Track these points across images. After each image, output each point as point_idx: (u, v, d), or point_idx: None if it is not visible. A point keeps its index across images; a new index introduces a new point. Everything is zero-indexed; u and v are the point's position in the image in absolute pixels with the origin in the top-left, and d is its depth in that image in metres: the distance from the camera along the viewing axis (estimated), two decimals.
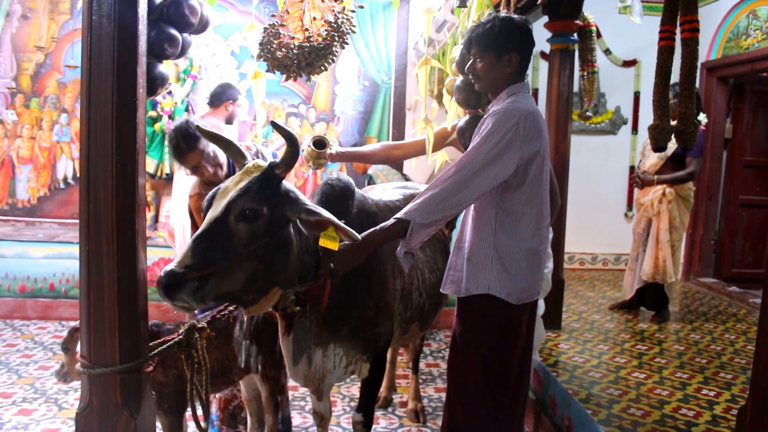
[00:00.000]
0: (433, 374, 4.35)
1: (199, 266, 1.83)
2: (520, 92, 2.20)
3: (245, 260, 1.92)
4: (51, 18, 5.19)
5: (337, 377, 2.52)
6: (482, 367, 2.26)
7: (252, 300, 2.05)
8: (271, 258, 1.99)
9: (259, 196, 1.94)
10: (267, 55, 2.75)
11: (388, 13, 5.36)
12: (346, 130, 5.50)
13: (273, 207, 1.97)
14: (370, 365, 2.54)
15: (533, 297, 2.29)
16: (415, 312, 2.76)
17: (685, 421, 2.83)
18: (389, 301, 2.54)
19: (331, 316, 2.34)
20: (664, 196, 4.43)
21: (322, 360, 2.42)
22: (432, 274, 2.82)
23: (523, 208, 2.17)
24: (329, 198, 2.39)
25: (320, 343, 2.39)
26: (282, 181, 2.03)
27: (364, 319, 2.43)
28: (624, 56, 6.05)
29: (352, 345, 2.45)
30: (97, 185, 1.82)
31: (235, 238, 1.91)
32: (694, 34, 2.72)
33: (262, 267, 1.97)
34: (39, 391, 3.81)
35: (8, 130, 5.27)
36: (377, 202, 2.71)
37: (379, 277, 2.49)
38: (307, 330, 2.34)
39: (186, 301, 1.82)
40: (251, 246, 1.92)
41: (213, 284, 1.86)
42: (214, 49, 5.31)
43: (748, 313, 4.79)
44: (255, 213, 1.92)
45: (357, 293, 2.41)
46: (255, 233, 1.93)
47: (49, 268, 5.26)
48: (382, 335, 2.54)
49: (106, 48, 1.79)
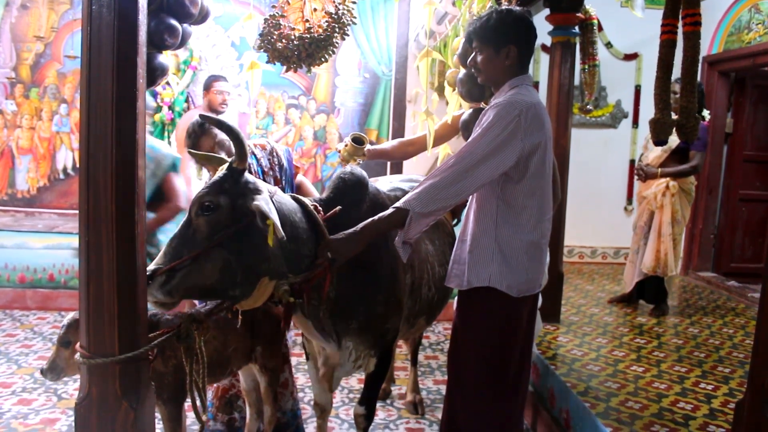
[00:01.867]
0: (432, 366, 4.36)
1: (167, 262, 1.97)
2: (522, 84, 2.19)
3: (210, 251, 1.98)
4: (50, 8, 5.17)
5: (346, 372, 2.53)
6: (482, 360, 2.26)
7: (240, 293, 2.06)
8: (240, 247, 2.01)
9: (217, 190, 2.03)
10: (267, 46, 2.74)
11: (389, 5, 5.34)
12: (346, 122, 5.49)
13: (233, 198, 2.02)
14: (377, 360, 2.55)
15: (534, 290, 2.29)
16: (424, 306, 2.75)
17: (682, 414, 2.84)
18: (399, 297, 2.53)
19: (339, 308, 2.35)
20: (668, 189, 4.42)
21: (336, 353, 2.45)
22: (441, 268, 2.80)
23: (524, 201, 2.16)
24: (341, 191, 2.40)
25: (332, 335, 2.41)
26: (243, 173, 2.07)
27: (374, 314, 2.43)
28: (625, 50, 6.03)
29: (361, 339, 2.46)
30: (96, 176, 1.82)
31: (197, 232, 2.01)
32: (695, 28, 2.71)
33: (235, 257, 2.00)
34: (38, 381, 3.82)
35: (8, 121, 5.26)
36: (389, 195, 2.70)
37: (389, 271, 2.48)
38: (320, 319, 2.36)
39: (154, 295, 1.95)
40: (214, 236, 1.99)
41: (181, 277, 1.96)
42: (215, 40, 5.29)
43: (747, 307, 4.80)
44: (212, 205, 2.00)
45: (366, 287, 2.40)
46: (216, 224, 2.00)
47: (49, 259, 5.27)
48: (390, 330, 2.54)
49: (106, 38, 1.78)
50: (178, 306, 2.13)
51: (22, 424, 3.29)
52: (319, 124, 5.48)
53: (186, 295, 2.04)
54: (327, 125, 5.48)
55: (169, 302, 2.01)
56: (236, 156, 2.06)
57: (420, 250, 2.72)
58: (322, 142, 5.49)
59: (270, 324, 2.70)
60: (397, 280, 2.51)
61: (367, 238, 2.14)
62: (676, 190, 4.41)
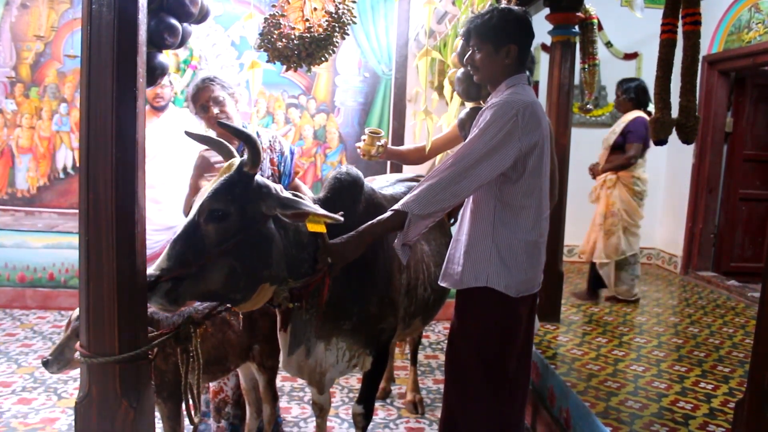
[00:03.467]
0: (432, 366, 4.36)
1: (172, 269, 1.91)
2: (519, 84, 2.19)
3: (218, 259, 1.94)
4: (50, 7, 5.17)
5: (340, 371, 2.52)
6: (480, 360, 2.25)
7: (241, 298, 2.06)
8: (247, 254, 1.99)
9: (227, 197, 1.97)
10: (267, 45, 2.74)
11: (389, 4, 5.33)
12: (346, 122, 5.49)
13: (243, 205, 1.98)
14: (373, 358, 2.54)
15: (533, 290, 2.28)
16: (420, 307, 2.75)
17: (682, 414, 2.84)
18: (394, 297, 2.52)
19: (333, 309, 2.33)
20: (604, 182, 4.70)
21: (324, 354, 2.42)
22: (437, 269, 2.78)
23: (522, 201, 2.16)
24: (337, 191, 2.38)
25: (322, 336, 2.38)
26: (253, 178, 2.02)
27: (368, 314, 2.42)
28: (625, 49, 6.01)
29: (355, 340, 2.44)
30: (96, 175, 1.82)
31: (206, 239, 1.96)
32: (695, 27, 2.71)
33: (240, 264, 1.98)
34: (38, 381, 3.82)
35: (8, 120, 5.26)
36: (385, 195, 2.69)
37: (384, 271, 2.47)
38: (305, 323, 2.34)
39: (160, 302, 1.91)
40: (222, 245, 1.95)
41: (187, 286, 1.93)
42: (215, 39, 5.29)
43: (747, 307, 4.80)
44: (223, 213, 1.96)
45: (361, 287, 2.39)
46: (225, 233, 1.96)
47: (49, 258, 5.27)
48: (386, 330, 2.53)
49: (106, 37, 1.78)
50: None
51: (22, 423, 3.29)
52: (319, 124, 5.47)
53: (198, 300, 2.04)
54: (327, 124, 5.48)
55: (174, 309, 2.00)
56: (248, 160, 1.98)
57: (416, 250, 2.71)
58: (322, 141, 5.49)
59: (268, 323, 2.70)
60: (391, 280, 2.50)
61: (366, 241, 2.13)
62: (612, 183, 4.65)
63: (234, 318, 2.63)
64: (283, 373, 2.92)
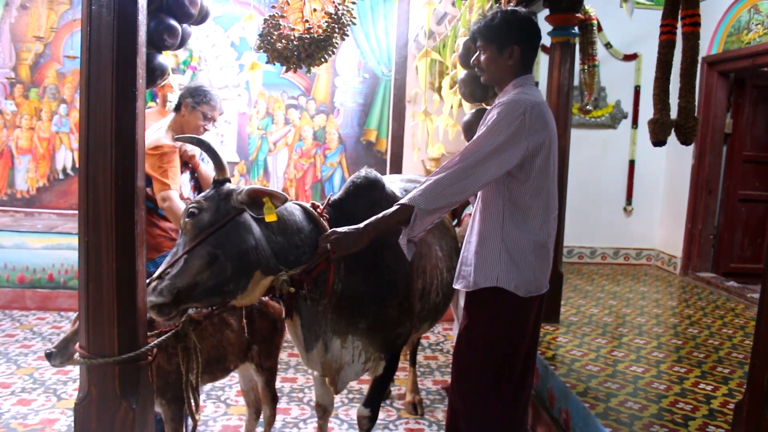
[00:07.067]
0: (431, 367, 4.36)
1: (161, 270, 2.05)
2: (526, 84, 2.20)
3: (197, 248, 2.04)
4: (50, 8, 5.17)
5: (356, 372, 2.53)
6: (487, 360, 2.26)
7: (235, 287, 2.10)
8: (225, 240, 2.07)
9: (202, 198, 2.17)
10: (267, 46, 2.75)
11: (389, 5, 5.34)
12: (345, 122, 5.49)
13: (216, 202, 2.13)
14: (386, 363, 2.56)
15: (541, 290, 2.29)
16: (431, 311, 2.76)
17: (682, 415, 2.84)
18: (412, 302, 2.53)
19: (347, 303, 2.35)
20: None
21: (340, 350, 2.43)
22: (449, 274, 2.80)
23: (530, 201, 2.17)
24: (353, 194, 2.42)
25: (338, 333, 2.40)
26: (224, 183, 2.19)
27: (386, 316, 2.44)
28: (625, 50, 6.03)
29: (371, 341, 2.46)
30: (96, 176, 1.82)
31: (186, 235, 2.11)
32: (695, 29, 2.71)
33: (221, 250, 2.05)
34: (38, 382, 3.81)
35: (7, 121, 5.26)
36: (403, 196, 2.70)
37: (405, 275, 2.48)
38: (318, 315, 2.35)
39: (149, 299, 2.00)
40: (199, 236, 2.07)
41: (170, 277, 2.02)
42: (214, 40, 5.29)
43: (746, 308, 4.80)
44: (196, 210, 2.12)
45: (378, 287, 2.40)
46: (200, 224, 2.09)
47: (48, 259, 5.27)
48: (402, 335, 2.54)
49: (106, 38, 1.78)
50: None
51: (21, 424, 3.29)
52: (318, 125, 5.48)
53: (184, 299, 2.03)
54: (326, 125, 5.48)
55: (161, 303, 2.01)
56: (215, 168, 2.20)
57: (431, 255, 2.72)
58: (321, 142, 5.49)
59: (266, 323, 2.70)
60: (411, 285, 2.51)
61: (370, 233, 2.15)
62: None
63: (233, 318, 2.63)
64: (282, 373, 2.92)
